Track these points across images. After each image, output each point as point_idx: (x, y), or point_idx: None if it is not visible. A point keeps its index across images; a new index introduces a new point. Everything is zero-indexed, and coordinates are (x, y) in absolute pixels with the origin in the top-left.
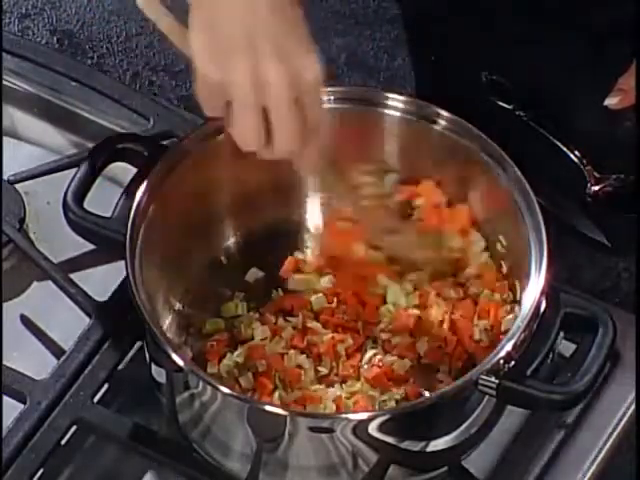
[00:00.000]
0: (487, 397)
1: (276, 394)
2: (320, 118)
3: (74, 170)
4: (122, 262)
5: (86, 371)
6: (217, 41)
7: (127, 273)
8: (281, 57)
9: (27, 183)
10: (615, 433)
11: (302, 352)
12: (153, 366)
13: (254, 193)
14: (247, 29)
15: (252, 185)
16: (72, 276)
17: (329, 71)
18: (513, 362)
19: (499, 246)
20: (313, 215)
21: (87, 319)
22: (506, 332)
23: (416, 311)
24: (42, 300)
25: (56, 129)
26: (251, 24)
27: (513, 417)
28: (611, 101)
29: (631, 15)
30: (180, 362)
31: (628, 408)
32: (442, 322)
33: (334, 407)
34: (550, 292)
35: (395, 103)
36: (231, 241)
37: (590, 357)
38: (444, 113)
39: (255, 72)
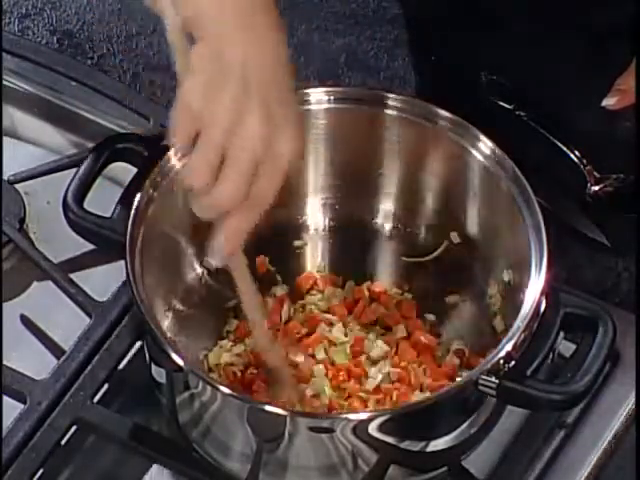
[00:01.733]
0: (487, 397)
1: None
2: (265, 197)
3: (74, 170)
4: (122, 262)
5: (86, 371)
6: (214, 74)
7: (127, 273)
8: (267, 119)
9: (27, 183)
10: (615, 433)
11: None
12: (153, 366)
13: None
14: (248, 74)
15: None
16: (72, 276)
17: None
18: (513, 362)
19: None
20: (314, 215)
21: (87, 319)
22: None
23: None
24: (42, 300)
25: (56, 129)
26: (253, 71)
27: (513, 417)
28: (609, 101)
29: (631, 15)
30: (180, 362)
31: (628, 408)
32: None
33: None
34: (550, 292)
35: (395, 103)
36: None
37: (590, 357)
38: (444, 113)
39: (237, 118)
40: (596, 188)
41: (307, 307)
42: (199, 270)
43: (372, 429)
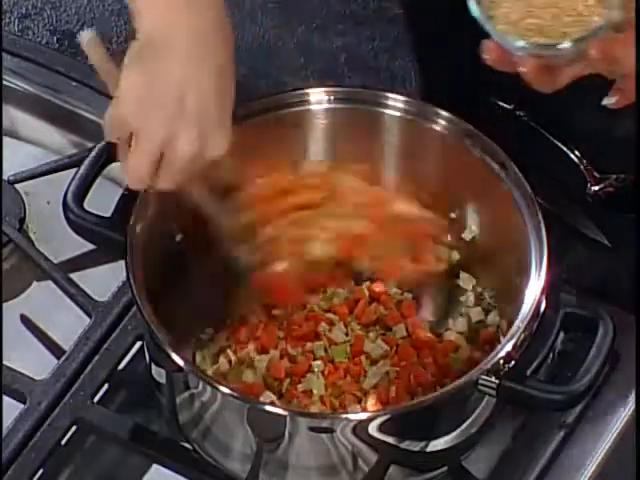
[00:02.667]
0: (487, 397)
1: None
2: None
3: (74, 170)
4: (122, 262)
5: (86, 371)
6: (149, 89)
7: (127, 273)
8: (200, 124)
9: (27, 183)
10: (615, 433)
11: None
12: (153, 366)
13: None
14: (184, 91)
15: (253, 183)
16: (72, 276)
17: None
18: (513, 362)
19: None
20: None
21: (87, 319)
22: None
23: None
24: (42, 300)
25: (56, 129)
26: (191, 93)
27: (513, 417)
28: (609, 101)
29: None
30: (180, 362)
31: (628, 408)
32: None
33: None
34: (550, 292)
35: (395, 103)
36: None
37: (590, 357)
38: (444, 113)
39: (173, 125)
40: (596, 188)
41: (308, 306)
42: (199, 270)
43: (372, 429)
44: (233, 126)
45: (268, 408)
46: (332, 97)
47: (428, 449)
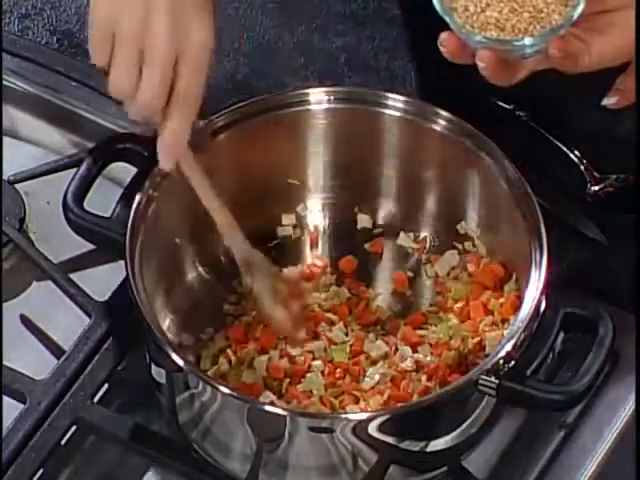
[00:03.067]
0: (487, 397)
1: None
2: (192, 92)
3: (74, 170)
4: (122, 262)
5: (86, 371)
6: None
7: (127, 273)
8: (172, 13)
9: (27, 183)
10: (615, 433)
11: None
12: (153, 366)
13: (255, 192)
14: None
15: (252, 184)
16: (72, 276)
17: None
18: (513, 362)
19: (499, 247)
20: (313, 215)
21: (87, 319)
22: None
23: None
24: (42, 300)
25: (56, 129)
26: None
27: (513, 417)
28: (609, 101)
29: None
30: (180, 362)
31: (628, 408)
32: None
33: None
34: (550, 292)
35: (395, 103)
36: None
37: (590, 357)
38: (444, 113)
39: (144, 19)
40: (596, 188)
41: (309, 306)
42: (199, 270)
43: (372, 429)
44: (234, 126)
45: (268, 408)
46: (332, 97)
47: (428, 449)
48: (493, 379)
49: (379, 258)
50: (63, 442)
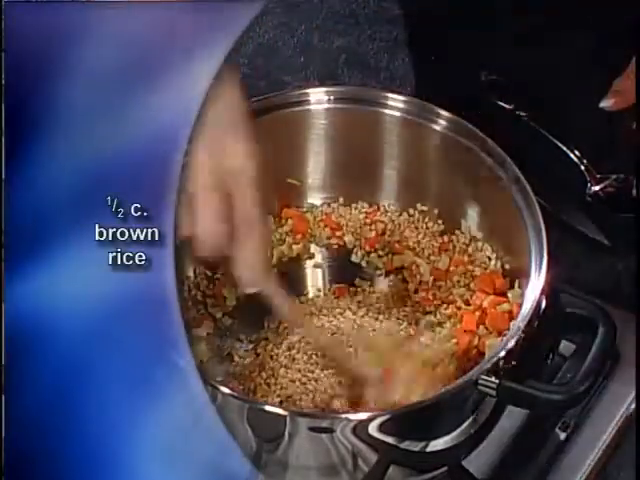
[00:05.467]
0: (487, 397)
1: None
2: (252, 215)
3: None
4: None
5: None
6: None
7: None
8: (212, 143)
9: None
10: (615, 433)
11: None
12: None
13: None
14: None
15: None
16: None
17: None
18: (513, 362)
19: (500, 247)
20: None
21: None
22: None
23: None
24: None
25: None
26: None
27: (513, 417)
28: (606, 103)
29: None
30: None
31: (628, 408)
32: None
33: None
34: (550, 292)
35: (395, 103)
36: None
37: (590, 357)
38: (444, 113)
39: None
40: (596, 188)
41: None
42: (198, 270)
43: (372, 429)
44: None
45: (268, 408)
46: (332, 97)
47: (428, 449)
48: (493, 379)
49: None
50: None
